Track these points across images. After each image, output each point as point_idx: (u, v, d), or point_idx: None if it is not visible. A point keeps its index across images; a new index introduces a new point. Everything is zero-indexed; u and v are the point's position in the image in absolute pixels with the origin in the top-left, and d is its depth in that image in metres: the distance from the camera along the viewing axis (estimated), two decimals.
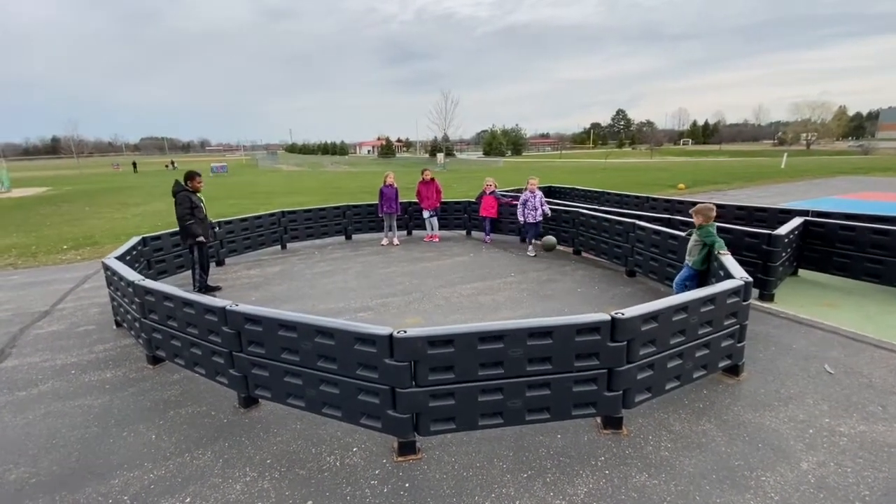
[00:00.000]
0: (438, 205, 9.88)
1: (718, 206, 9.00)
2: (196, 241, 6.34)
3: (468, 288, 6.65)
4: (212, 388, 4.02)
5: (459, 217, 10.78)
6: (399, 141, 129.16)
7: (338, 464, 3.08)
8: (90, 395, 4.03)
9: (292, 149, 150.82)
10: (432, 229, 10.04)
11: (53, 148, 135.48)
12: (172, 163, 60.61)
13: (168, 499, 2.82)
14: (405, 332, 2.94)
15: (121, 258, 5.47)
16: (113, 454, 3.24)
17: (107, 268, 5.28)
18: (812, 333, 4.87)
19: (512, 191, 11.51)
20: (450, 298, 6.25)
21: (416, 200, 10.06)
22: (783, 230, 5.88)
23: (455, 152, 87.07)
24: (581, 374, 3.15)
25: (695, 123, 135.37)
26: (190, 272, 6.70)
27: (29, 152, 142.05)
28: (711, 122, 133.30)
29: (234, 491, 2.86)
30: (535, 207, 8.27)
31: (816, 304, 5.69)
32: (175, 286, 4.35)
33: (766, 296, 5.82)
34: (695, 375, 3.69)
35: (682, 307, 3.43)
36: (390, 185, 9.47)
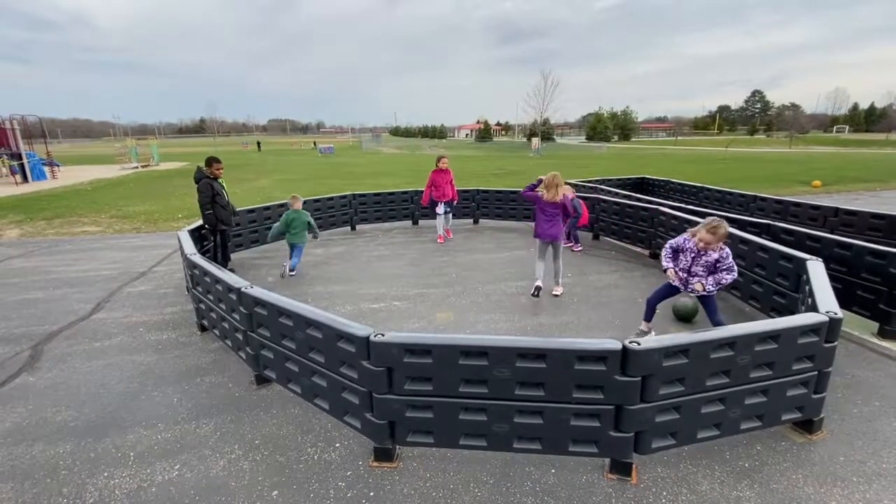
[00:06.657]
0: (454, 198, 8.71)
1: (847, 213, 7.29)
2: (217, 228, 6.50)
3: (514, 286, 6.26)
4: (238, 361, 4.28)
5: (530, 207, 10.22)
6: (498, 125, 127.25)
7: (316, 457, 3.07)
8: (144, 353, 4.56)
9: (396, 131, 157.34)
10: (448, 224, 9.03)
11: (201, 127, 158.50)
12: (315, 143, 67.95)
13: (163, 461, 3.05)
14: (382, 335, 2.77)
15: (192, 232, 6.07)
16: (139, 410, 3.61)
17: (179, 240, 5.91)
18: None
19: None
20: (490, 295, 5.93)
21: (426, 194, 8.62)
22: None
23: (555, 137, 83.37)
24: (581, 406, 2.71)
25: (856, 107, 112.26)
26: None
27: (182, 131, 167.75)
28: (881, 104, 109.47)
29: (217, 466, 3.00)
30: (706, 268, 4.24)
31: None
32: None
33: (889, 332, 4.56)
34: (744, 426, 2.99)
35: (727, 342, 2.77)
36: None
